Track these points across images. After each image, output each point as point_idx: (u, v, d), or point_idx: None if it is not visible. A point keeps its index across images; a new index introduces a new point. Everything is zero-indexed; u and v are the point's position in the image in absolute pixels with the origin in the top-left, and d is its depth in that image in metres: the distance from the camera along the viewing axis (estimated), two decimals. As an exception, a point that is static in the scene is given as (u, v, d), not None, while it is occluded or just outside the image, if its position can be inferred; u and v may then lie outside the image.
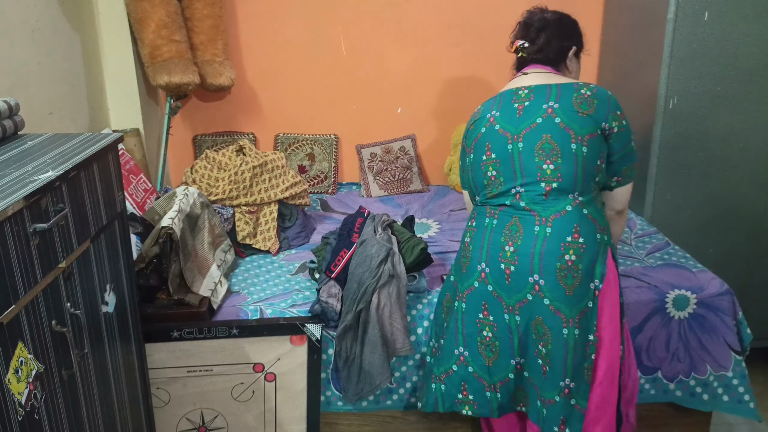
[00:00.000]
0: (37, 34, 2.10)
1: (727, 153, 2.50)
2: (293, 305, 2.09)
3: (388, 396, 2.12)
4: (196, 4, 2.72)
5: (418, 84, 3.17)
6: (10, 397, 1.07)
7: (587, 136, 1.67)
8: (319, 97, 3.17)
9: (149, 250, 1.96)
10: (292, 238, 2.58)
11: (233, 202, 2.47)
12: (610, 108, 1.70)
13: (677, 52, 2.41)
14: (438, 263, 2.31)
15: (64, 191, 1.26)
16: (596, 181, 1.72)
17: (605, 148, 1.72)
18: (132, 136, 2.66)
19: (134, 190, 2.35)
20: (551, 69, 1.84)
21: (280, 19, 3.04)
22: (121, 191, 1.58)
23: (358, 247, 2.06)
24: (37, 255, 1.16)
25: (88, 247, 1.39)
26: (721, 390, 2.07)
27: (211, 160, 2.54)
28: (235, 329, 1.96)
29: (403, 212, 2.89)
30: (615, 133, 1.71)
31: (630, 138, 1.75)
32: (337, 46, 3.10)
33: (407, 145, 3.23)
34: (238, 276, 2.32)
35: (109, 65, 2.65)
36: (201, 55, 2.79)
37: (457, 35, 3.11)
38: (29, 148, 1.41)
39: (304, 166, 3.17)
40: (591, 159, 1.68)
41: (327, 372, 2.06)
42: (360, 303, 1.94)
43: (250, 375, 2.01)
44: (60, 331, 1.25)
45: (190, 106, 3.12)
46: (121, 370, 1.60)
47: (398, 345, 1.96)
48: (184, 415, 2.04)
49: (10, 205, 1.05)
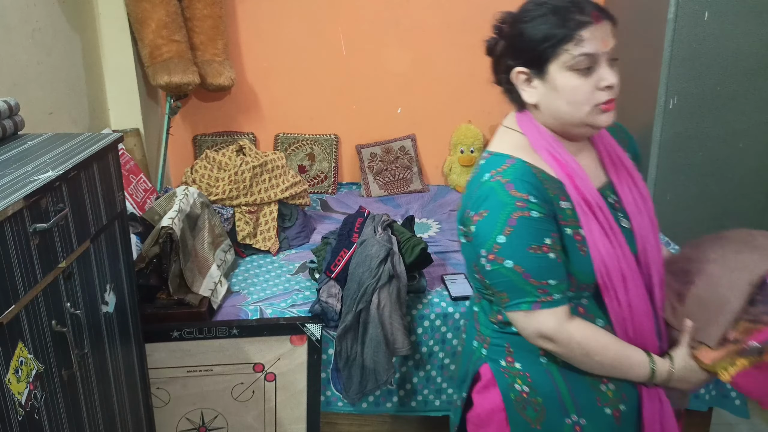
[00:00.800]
0: (37, 34, 2.10)
1: (727, 153, 2.50)
2: (293, 305, 2.09)
3: (388, 398, 2.12)
4: (196, 4, 2.72)
5: (418, 84, 3.17)
6: (10, 397, 1.07)
7: None
8: (319, 97, 3.17)
9: (149, 250, 1.96)
10: (292, 238, 2.58)
11: (233, 202, 2.47)
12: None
13: (677, 52, 2.41)
14: (438, 263, 2.31)
15: (64, 191, 1.26)
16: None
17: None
18: (132, 136, 2.66)
19: (134, 190, 2.35)
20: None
21: (280, 19, 3.04)
22: (121, 191, 1.58)
23: (358, 247, 2.06)
24: (37, 255, 1.16)
25: (88, 247, 1.39)
26: (711, 385, 2.08)
27: (211, 160, 2.54)
28: (235, 329, 1.96)
29: (403, 212, 2.89)
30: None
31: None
32: (337, 46, 3.10)
33: (407, 145, 3.23)
34: (238, 276, 2.32)
35: (109, 65, 2.65)
36: (201, 55, 2.79)
37: (457, 35, 3.11)
38: (29, 148, 1.41)
39: (304, 166, 3.17)
40: None
41: (327, 372, 2.06)
42: (360, 303, 1.94)
43: (250, 375, 2.01)
44: (60, 331, 1.24)
45: (190, 106, 3.12)
46: (121, 370, 1.60)
47: (398, 345, 1.96)
48: (184, 415, 2.04)
49: (10, 205, 1.05)
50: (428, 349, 2.07)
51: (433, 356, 2.08)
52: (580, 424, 1.22)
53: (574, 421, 1.22)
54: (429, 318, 2.06)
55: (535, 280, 1.13)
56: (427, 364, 2.09)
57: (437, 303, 2.08)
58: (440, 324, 2.06)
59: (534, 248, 1.12)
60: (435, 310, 2.07)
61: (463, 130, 3.19)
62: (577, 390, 1.22)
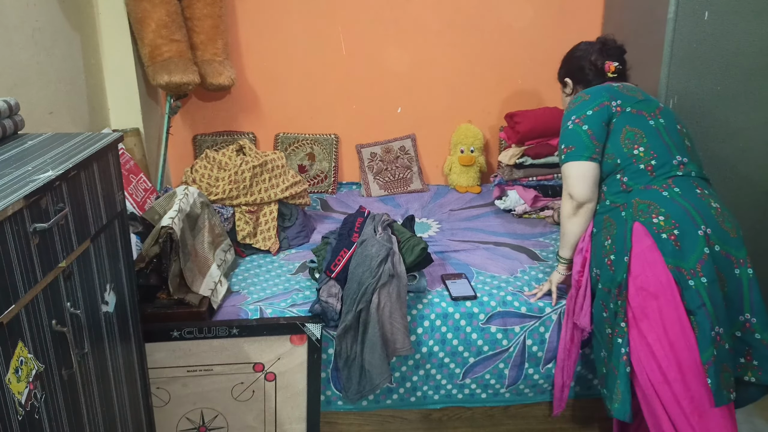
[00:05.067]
0: (37, 34, 2.10)
1: (727, 153, 2.50)
2: (293, 305, 2.09)
3: (388, 395, 2.12)
4: (196, 3, 2.72)
5: (418, 84, 3.18)
6: (10, 397, 1.07)
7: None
8: (319, 97, 3.17)
9: (149, 249, 1.96)
10: (292, 237, 2.58)
11: (233, 202, 2.47)
12: None
13: (677, 52, 2.41)
14: (438, 263, 2.31)
15: (64, 191, 1.26)
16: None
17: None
18: (132, 135, 2.66)
19: (134, 190, 2.35)
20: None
21: (280, 19, 3.04)
22: (121, 191, 1.58)
23: (358, 247, 2.06)
24: (37, 254, 1.16)
25: (88, 247, 1.39)
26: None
27: (211, 159, 2.54)
28: (235, 329, 1.96)
29: (403, 212, 2.89)
30: None
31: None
32: (337, 46, 3.10)
33: (407, 145, 3.23)
34: (238, 276, 2.32)
35: (109, 65, 2.65)
36: (201, 54, 2.79)
37: (457, 35, 3.11)
38: (29, 148, 1.41)
39: (304, 165, 3.17)
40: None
41: (327, 372, 2.06)
42: (360, 303, 1.94)
43: (250, 375, 2.01)
44: (60, 330, 1.24)
45: (190, 106, 3.12)
46: (121, 370, 1.60)
47: (398, 345, 1.96)
48: (184, 415, 2.04)
49: (10, 204, 1.05)
50: (428, 349, 2.07)
51: (433, 356, 2.08)
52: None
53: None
54: (429, 318, 2.06)
55: None
56: (427, 363, 2.09)
57: (437, 303, 2.08)
58: (440, 324, 2.06)
59: None
60: (435, 310, 2.07)
61: (463, 130, 3.19)
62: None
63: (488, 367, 2.10)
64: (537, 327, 2.08)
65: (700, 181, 1.83)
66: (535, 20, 3.10)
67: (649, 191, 1.78)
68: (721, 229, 1.70)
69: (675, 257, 1.69)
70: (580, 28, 3.10)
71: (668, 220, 1.71)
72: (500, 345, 2.08)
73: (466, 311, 2.07)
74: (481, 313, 2.07)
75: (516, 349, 2.08)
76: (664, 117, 1.88)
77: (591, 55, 2.06)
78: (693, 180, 1.81)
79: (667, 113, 1.90)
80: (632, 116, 1.86)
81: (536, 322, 2.08)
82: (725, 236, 1.70)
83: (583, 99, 1.93)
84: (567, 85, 2.14)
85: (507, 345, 2.08)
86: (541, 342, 2.09)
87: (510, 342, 2.08)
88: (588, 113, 1.88)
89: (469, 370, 2.10)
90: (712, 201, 1.75)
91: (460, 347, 2.07)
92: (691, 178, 1.81)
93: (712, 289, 1.66)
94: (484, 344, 2.08)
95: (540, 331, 2.08)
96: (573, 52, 2.15)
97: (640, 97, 1.91)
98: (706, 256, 1.67)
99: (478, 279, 2.22)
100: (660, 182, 1.79)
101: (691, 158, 1.85)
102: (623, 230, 1.77)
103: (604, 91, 1.92)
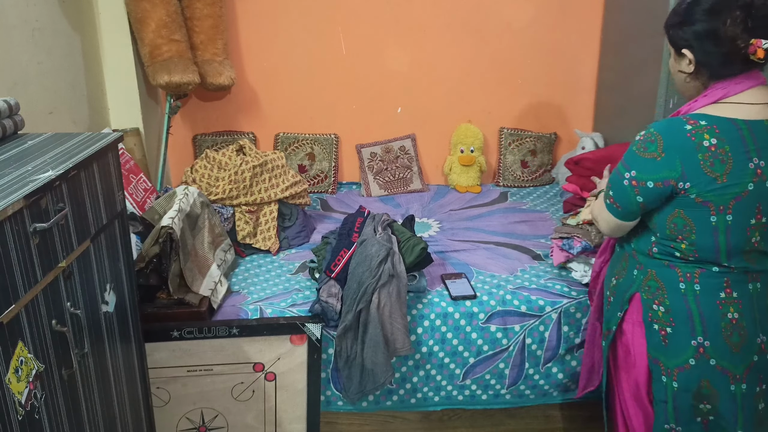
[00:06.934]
0: (37, 33, 2.10)
1: (727, 153, 2.49)
2: (293, 305, 2.09)
3: (389, 397, 2.12)
4: (196, 3, 2.72)
5: (418, 84, 3.18)
6: (10, 397, 1.07)
7: None
8: (319, 97, 3.17)
9: (149, 249, 1.96)
10: (292, 237, 2.58)
11: (233, 202, 2.47)
12: None
13: (677, 52, 2.41)
14: (438, 263, 2.31)
15: (64, 191, 1.26)
16: None
17: None
18: (132, 135, 2.66)
19: (134, 190, 2.35)
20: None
21: (280, 18, 3.04)
22: (121, 191, 1.58)
23: (358, 247, 2.06)
24: (37, 254, 1.16)
25: (88, 247, 1.39)
26: None
27: (211, 159, 2.54)
28: (235, 329, 1.96)
29: (403, 212, 2.89)
30: None
31: None
32: (337, 46, 3.10)
33: (407, 145, 3.23)
34: (238, 275, 2.32)
35: (109, 65, 2.65)
36: (201, 54, 2.79)
37: (457, 35, 3.11)
38: (29, 148, 1.41)
39: (304, 165, 3.17)
40: None
41: (327, 372, 2.06)
42: (360, 303, 1.94)
43: (250, 374, 2.01)
44: (60, 330, 1.24)
45: (190, 106, 3.12)
46: (121, 370, 1.60)
47: (398, 345, 1.96)
48: (184, 415, 2.04)
49: (10, 204, 1.05)
50: (428, 348, 2.07)
51: (433, 356, 2.08)
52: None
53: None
54: (429, 318, 2.06)
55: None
56: (427, 363, 2.09)
57: (437, 303, 2.08)
58: (440, 324, 2.06)
59: None
60: (435, 310, 2.07)
61: (463, 130, 3.19)
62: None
63: (488, 367, 2.10)
64: (537, 326, 2.08)
65: (737, 277, 1.49)
66: (535, 20, 3.10)
67: (669, 272, 1.53)
68: (725, 344, 1.49)
69: (657, 351, 1.56)
70: (580, 28, 3.11)
71: (667, 315, 1.53)
72: (500, 344, 2.08)
73: (465, 311, 2.07)
74: (481, 313, 2.07)
75: (516, 348, 2.08)
76: (737, 211, 1.43)
77: (734, 28, 1.36)
78: (728, 276, 1.49)
79: (748, 203, 1.42)
80: (693, 204, 1.44)
81: (536, 321, 2.08)
82: (725, 351, 1.49)
83: (654, 156, 1.44)
84: (684, 59, 1.48)
85: (507, 344, 2.08)
86: (541, 341, 2.09)
87: (510, 341, 2.08)
88: (649, 185, 1.45)
89: (470, 371, 2.10)
90: (731, 310, 1.48)
91: (460, 347, 2.08)
92: (728, 273, 1.49)
93: (682, 396, 1.54)
94: (484, 344, 2.08)
95: (540, 330, 2.08)
96: (713, 7, 1.40)
97: (723, 180, 1.40)
98: (689, 366, 1.52)
99: (478, 278, 2.22)
100: (686, 269, 1.51)
101: (745, 258, 1.47)
102: (627, 287, 1.62)
103: (679, 159, 1.41)
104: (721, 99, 1.44)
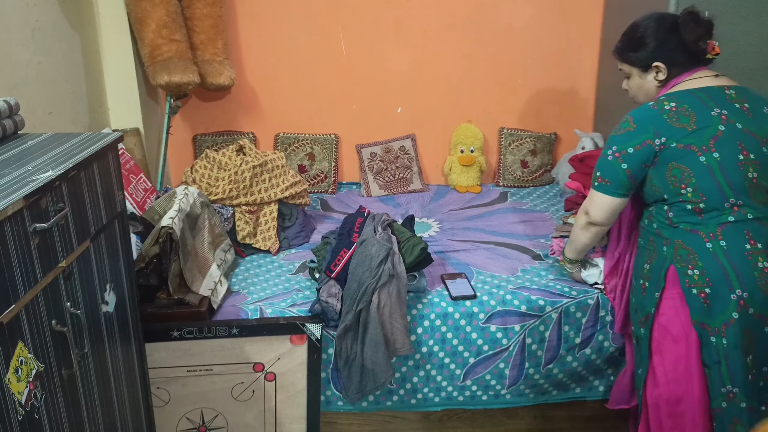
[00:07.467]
0: (37, 34, 2.10)
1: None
2: (293, 305, 2.09)
3: (389, 397, 2.12)
4: (196, 3, 2.72)
5: (418, 84, 3.18)
6: (10, 397, 1.07)
7: None
8: (319, 97, 3.17)
9: (149, 249, 1.96)
10: (292, 237, 2.58)
11: (233, 202, 2.47)
12: None
13: (677, 52, 2.41)
14: (438, 263, 2.31)
15: (64, 191, 1.26)
16: None
17: None
18: (132, 135, 2.66)
19: (134, 190, 2.35)
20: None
21: (280, 19, 3.04)
22: (121, 191, 1.58)
23: (358, 247, 2.06)
24: (37, 254, 1.16)
25: (88, 247, 1.39)
26: None
27: (211, 159, 2.54)
28: (235, 329, 1.96)
29: (403, 212, 2.89)
30: None
31: None
32: (337, 46, 3.10)
33: (407, 145, 3.23)
34: (238, 275, 2.32)
35: (109, 65, 2.65)
36: (201, 54, 2.79)
37: (457, 35, 3.11)
38: (29, 148, 1.41)
39: (304, 165, 3.17)
40: None
41: (327, 372, 2.06)
42: (360, 303, 1.94)
43: (250, 374, 2.01)
44: (60, 330, 1.24)
45: (190, 106, 3.12)
46: (121, 370, 1.60)
47: (398, 345, 1.96)
48: (184, 415, 2.04)
49: (10, 204, 1.05)
50: (428, 349, 2.07)
51: (433, 356, 2.08)
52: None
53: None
54: (429, 318, 2.06)
55: None
56: (427, 363, 2.09)
57: (437, 303, 2.08)
58: (440, 324, 2.06)
59: None
60: (435, 310, 2.07)
61: (463, 130, 3.19)
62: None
63: (488, 367, 2.10)
64: (537, 326, 2.08)
65: (756, 226, 1.63)
66: (535, 20, 3.10)
67: (693, 236, 1.65)
68: (761, 293, 1.60)
69: (701, 314, 1.64)
70: (580, 28, 3.11)
71: (702, 277, 1.62)
72: (500, 344, 2.08)
73: (465, 311, 2.07)
74: (481, 313, 2.07)
75: (516, 348, 2.08)
76: (720, 149, 1.62)
77: (693, 32, 1.70)
78: (747, 228, 1.62)
79: (727, 141, 1.63)
80: (678, 152, 1.64)
81: (536, 320, 2.08)
82: (763, 300, 1.61)
83: (628, 129, 1.70)
84: (659, 71, 1.76)
85: (507, 344, 2.08)
86: (541, 341, 2.09)
87: (510, 341, 2.08)
88: (629, 150, 1.68)
89: (470, 371, 2.10)
90: (760, 260, 1.61)
91: (460, 347, 2.07)
92: (746, 223, 1.62)
93: (733, 353, 1.62)
94: (484, 343, 2.08)
95: (540, 329, 2.08)
96: (660, 23, 1.78)
97: (692, 127, 1.63)
98: (733, 320, 1.61)
99: (478, 278, 2.22)
100: (708, 229, 1.63)
101: (750, 196, 1.63)
102: (660, 265, 1.70)
103: (649, 123, 1.67)
104: (675, 85, 1.73)
